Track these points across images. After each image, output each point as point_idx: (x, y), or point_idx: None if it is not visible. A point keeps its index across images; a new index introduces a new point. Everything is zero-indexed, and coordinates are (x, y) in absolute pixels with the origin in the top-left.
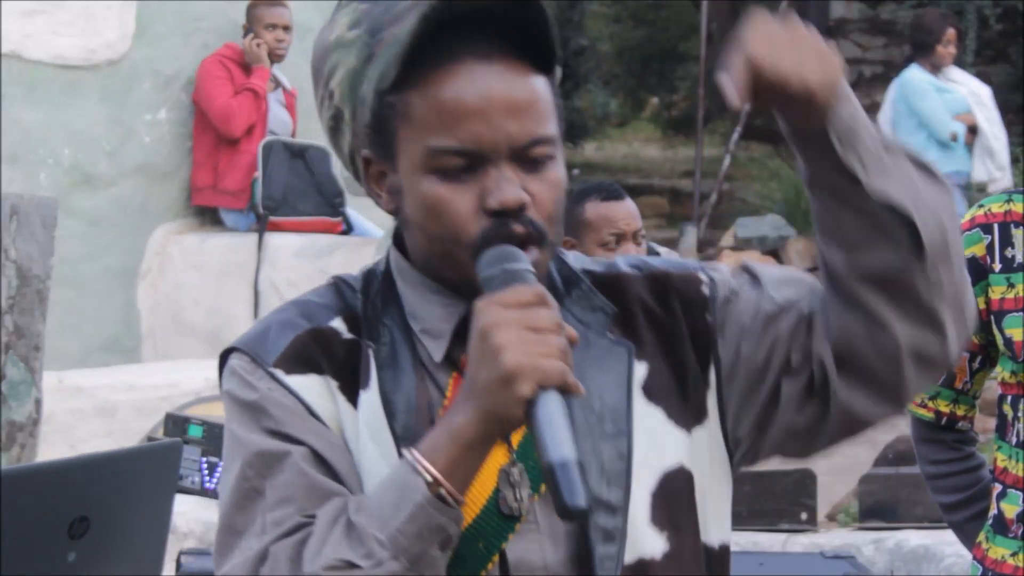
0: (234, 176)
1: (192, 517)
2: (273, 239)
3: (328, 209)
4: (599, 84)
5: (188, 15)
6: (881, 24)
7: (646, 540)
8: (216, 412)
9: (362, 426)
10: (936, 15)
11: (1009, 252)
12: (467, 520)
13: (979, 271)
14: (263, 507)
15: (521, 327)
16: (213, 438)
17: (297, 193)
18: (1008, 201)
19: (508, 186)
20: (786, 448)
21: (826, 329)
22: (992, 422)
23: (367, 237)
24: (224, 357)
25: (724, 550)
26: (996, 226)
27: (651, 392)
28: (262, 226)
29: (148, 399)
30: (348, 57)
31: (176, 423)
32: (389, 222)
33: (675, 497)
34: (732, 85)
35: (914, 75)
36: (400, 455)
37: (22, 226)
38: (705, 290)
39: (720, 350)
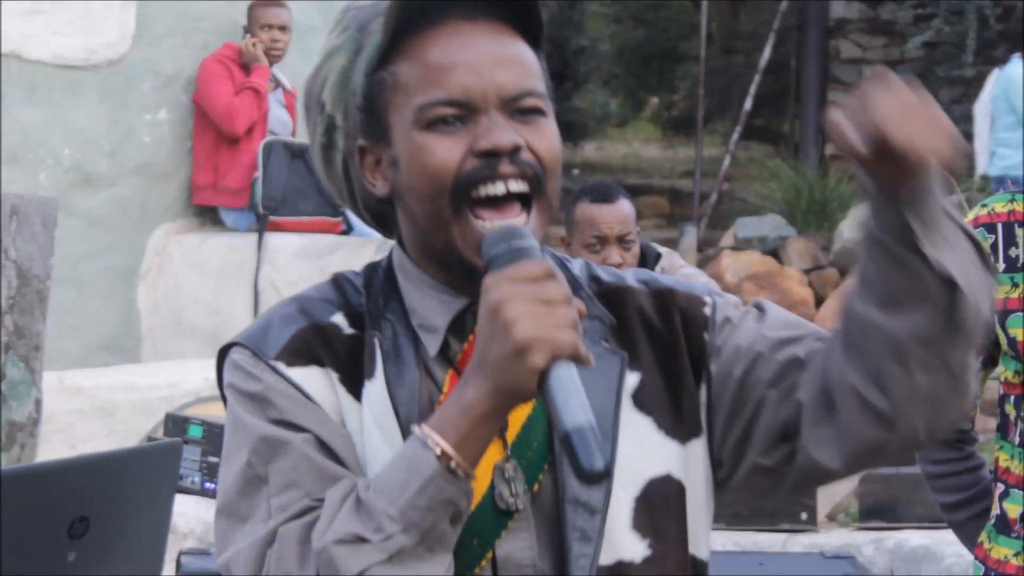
0: (235, 175)
1: (192, 517)
2: (273, 239)
3: (328, 209)
4: (599, 84)
5: (188, 15)
6: (881, 24)
7: (625, 543)
8: (216, 412)
9: (367, 416)
10: None
11: (1013, 252)
12: None
13: None
14: (267, 493)
15: (532, 300)
16: (213, 438)
17: (297, 193)
18: (1012, 201)
19: (499, 130)
20: (753, 484)
21: (816, 377)
22: (992, 422)
23: (367, 237)
24: (223, 353)
25: (706, 565)
26: (1000, 226)
27: (641, 401)
28: (262, 226)
29: (148, 399)
30: (338, 60)
31: (176, 423)
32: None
33: (661, 505)
34: (852, 135)
35: (1016, 70)
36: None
37: (22, 226)
38: (707, 310)
39: (713, 369)
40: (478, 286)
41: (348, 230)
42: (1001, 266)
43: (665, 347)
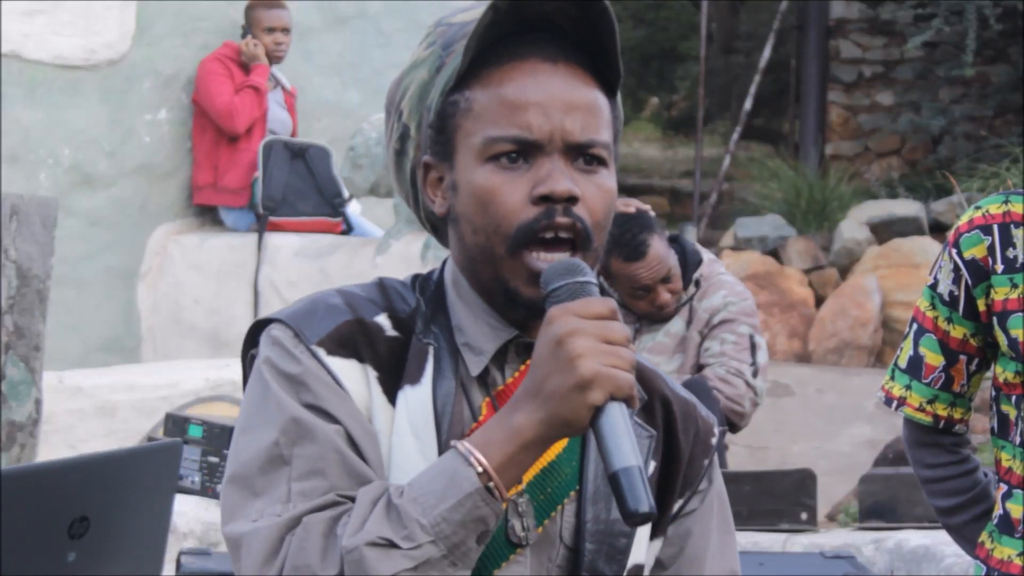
0: (234, 174)
1: (192, 517)
2: (273, 239)
3: (328, 209)
4: None
5: (188, 15)
6: (881, 24)
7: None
8: (216, 412)
9: (401, 420)
10: None
11: (1011, 253)
12: None
13: (980, 272)
14: (289, 475)
15: (597, 337)
16: (213, 438)
17: (297, 193)
18: (1006, 202)
19: (560, 176)
20: None
21: None
22: (986, 420)
23: (367, 237)
24: (259, 327)
25: None
26: (996, 227)
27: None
28: (262, 226)
29: (148, 399)
30: (420, 72)
31: (176, 423)
32: (389, 222)
33: None
34: None
35: None
36: (441, 452)
37: (22, 226)
38: (713, 441)
39: (686, 507)
40: (522, 316)
41: (348, 230)
42: (1000, 267)
43: (676, 447)
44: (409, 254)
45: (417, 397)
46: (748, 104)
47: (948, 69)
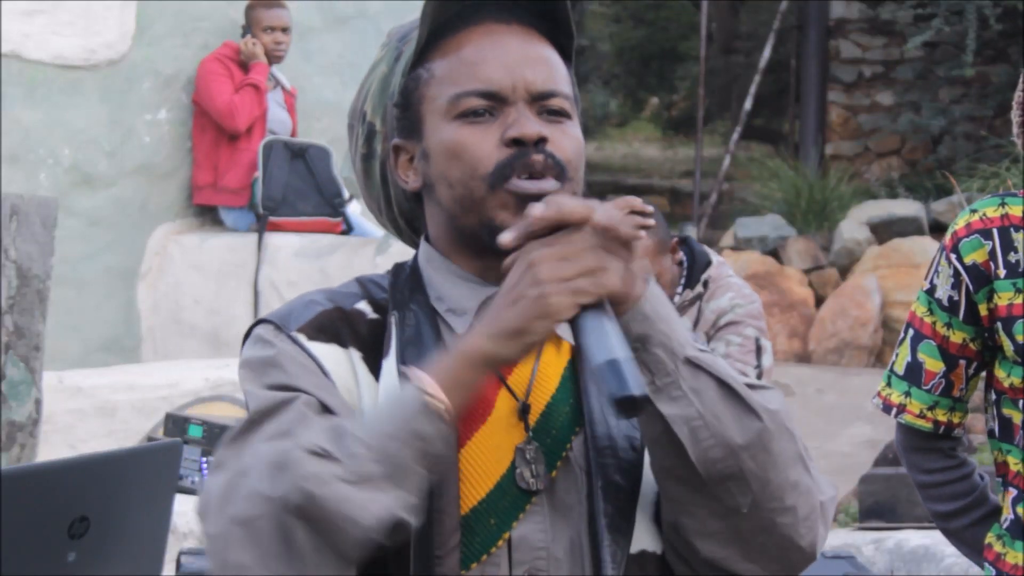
0: (234, 174)
1: (192, 517)
2: (273, 239)
3: (328, 209)
4: (599, 84)
5: (188, 15)
6: (881, 24)
7: (646, 536)
8: (216, 412)
9: (382, 392)
10: None
11: (1013, 257)
12: (481, 494)
13: (981, 278)
14: (257, 437)
15: (555, 257)
16: (213, 438)
17: (297, 193)
18: (1002, 205)
19: (527, 121)
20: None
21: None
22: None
23: (367, 237)
24: (247, 336)
25: None
26: (995, 231)
27: None
28: (262, 226)
29: (148, 399)
30: (379, 69)
31: (176, 423)
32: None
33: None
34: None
35: None
36: None
37: (22, 226)
38: None
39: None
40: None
41: (348, 230)
42: (1002, 272)
43: None
44: (409, 254)
45: (389, 367)
46: (748, 104)
47: (948, 69)
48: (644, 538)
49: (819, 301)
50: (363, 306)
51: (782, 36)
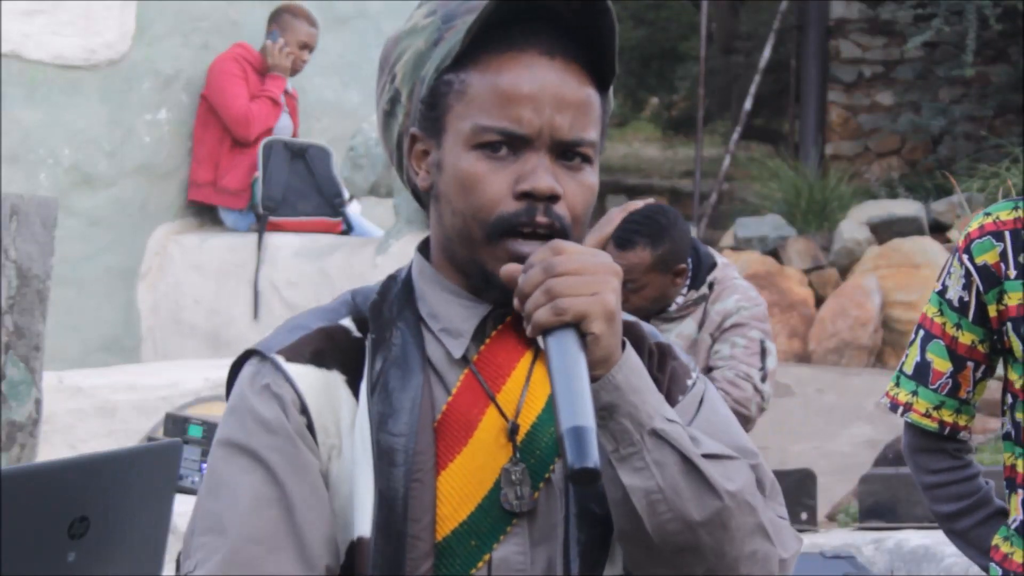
0: (235, 175)
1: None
2: (273, 239)
3: (328, 209)
4: None
5: (188, 15)
6: (881, 24)
7: (622, 561)
8: (216, 412)
9: (360, 415)
10: None
11: (1023, 258)
12: (461, 516)
13: (992, 278)
14: (196, 526)
15: (544, 272)
16: (213, 438)
17: (297, 193)
18: (1016, 208)
19: (543, 173)
20: None
21: None
22: (993, 422)
23: (367, 237)
24: (238, 365)
25: None
26: (1007, 233)
27: None
28: (262, 226)
29: (148, 399)
30: (417, 40)
31: (176, 423)
32: (389, 222)
33: None
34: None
35: None
36: (377, 462)
37: (22, 226)
38: (689, 381)
39: None
40: (497, 292)
41: (348, 230)
42: (1012, 273)
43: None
44: (409, 254)
45: (362, 400)
46: (748, 104)
47: (948, 69)
48: (619, 563)
49: (819, 301)
50: (347, 323)
51: (782, 36)
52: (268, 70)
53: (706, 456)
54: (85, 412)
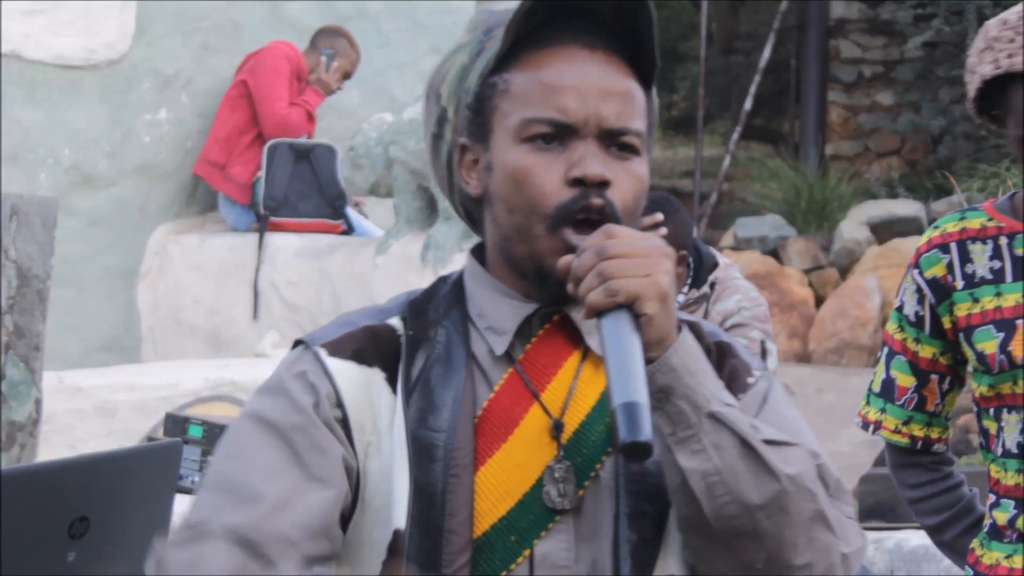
0: (244, 169)
1: None
2: (273, 239)
3: (329, 210)
4: None
5: (188, 15)
6: (881, 24)
7: (672, 560)
8: (216, 412)
9: (398, 412)
10: None
11: (969, 268)
12: (500, 512)
13: (941, 291)
14: (206, 483)
15: (596, 256)
16: (213, 438)
17: (298, 194)
18: (962, 219)
19: (593, 160)
20: None
21: None
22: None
23: (367, 237)
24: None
25: None
26: (953, 245)
27: None
28: (262, 226)
29: (148, 399)
30: (461, 56)
31: (176, 423)
32: (389, 222)
33: None
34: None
35: None
36: (415, 457)
37: (22, 226)
38: (751, 380)
39: None
40: (550, 291)
41: (348, 231)
42: (960, 284)
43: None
44: (409, 254)
45: (399, 387)
46: (748, 104)
47: (948, 69)
48: (671, 562)
49: (819, 301)
50: (395, 322)
51: (782, 36)
52: (309, 81)
53: (765, 441)
54: (85, 412)
